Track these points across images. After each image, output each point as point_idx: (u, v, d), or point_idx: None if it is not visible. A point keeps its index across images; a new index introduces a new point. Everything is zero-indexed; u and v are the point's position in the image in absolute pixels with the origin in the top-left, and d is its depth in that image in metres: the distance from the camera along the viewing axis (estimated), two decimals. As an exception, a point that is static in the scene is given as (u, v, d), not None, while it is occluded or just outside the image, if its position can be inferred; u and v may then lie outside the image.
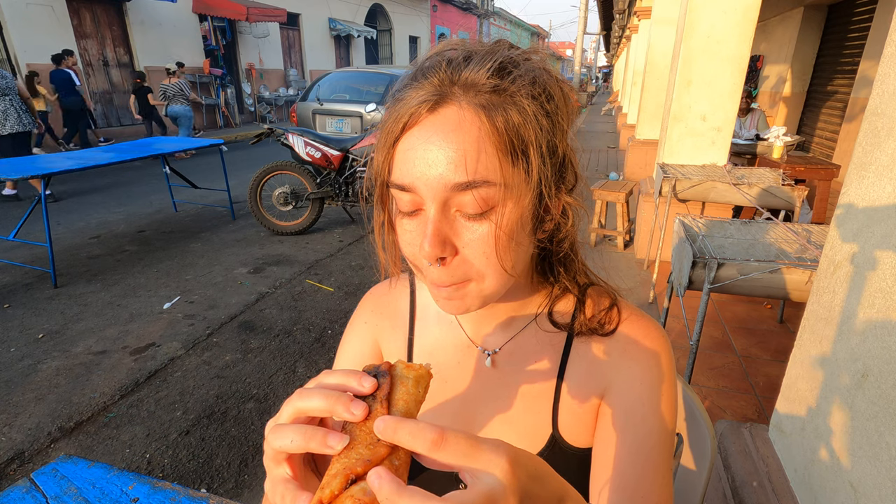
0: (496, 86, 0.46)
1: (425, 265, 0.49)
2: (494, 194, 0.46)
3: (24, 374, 2.35)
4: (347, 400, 0.32)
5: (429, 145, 0.45)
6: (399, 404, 0.33)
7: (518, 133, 0.46)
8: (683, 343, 2.51)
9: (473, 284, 0.50)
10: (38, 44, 8.42)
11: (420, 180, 0.46)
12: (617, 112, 14.76)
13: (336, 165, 4.32)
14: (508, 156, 0.46)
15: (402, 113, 0.47)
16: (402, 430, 0.30)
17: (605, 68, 44.53)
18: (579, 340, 0.60)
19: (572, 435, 0.59)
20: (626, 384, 0.57)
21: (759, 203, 2.78)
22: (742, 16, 3.03)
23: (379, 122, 0.52)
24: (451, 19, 26.30)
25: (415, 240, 0.49)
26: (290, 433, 0.32)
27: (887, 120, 1.03)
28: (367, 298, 0.73)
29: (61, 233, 4.39)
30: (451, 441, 0.29)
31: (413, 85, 0.48)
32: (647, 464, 0.53)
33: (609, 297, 0.62)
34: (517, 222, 0.48)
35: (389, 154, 0.49)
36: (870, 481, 0.96)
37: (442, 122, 0.45)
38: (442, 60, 0.48)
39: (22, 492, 0.70)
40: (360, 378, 0.34)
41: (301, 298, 3.23)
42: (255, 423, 2.08)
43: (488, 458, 0.30)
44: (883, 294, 0.98)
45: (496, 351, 0.62)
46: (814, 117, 7.09)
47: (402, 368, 0.35)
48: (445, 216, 0.47)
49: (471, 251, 0.48)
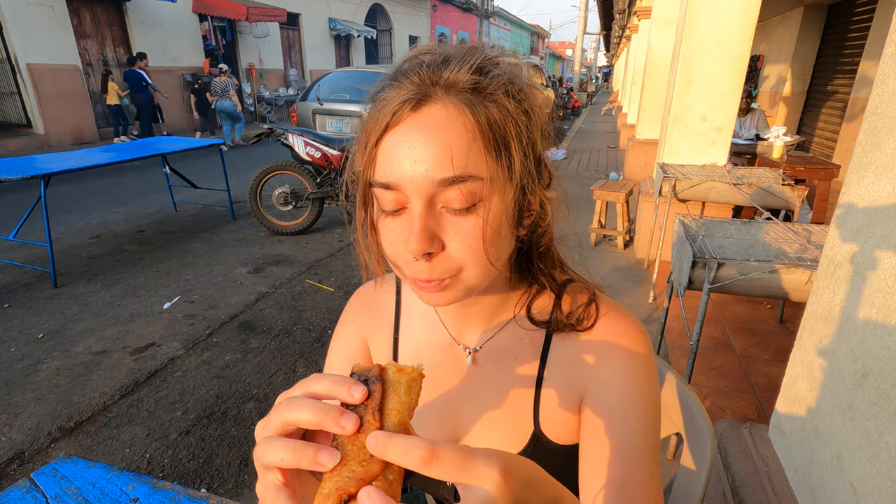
0: (476, 84, 0.47)
1: (410, 261, 0.49)
2: (480, 189, 0.47)
3: (24, 374, 2.35)
4: (337, 414, 0.31)
5: (414, 142, 0.46)
6: (392, 415, 0.32)
7: (500, 129, 0.47)
8: (683, 343, 2.51)
9: (455, 279, 0.50)
10: (38, 44, 8.43)
11: (405, 177, 0.46)
12: (617, 112, 14.76)
13: (336, 165, 4.32)
14: (492, 151, 0.47)
15: (385, 112, 0.47)
16: (392, 448, 0.29)
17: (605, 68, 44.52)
18: (558, 337, 0.60)
19: (554, 432, 0.59)
20: (608, 382, 0.57)
21: (759, 203, 2.78)
22: (742, 16, 3.03)
23: (358, 124, 0.52)
24: (451, 19, 26.29)
25: (398, 238, 0.49)
26: (279, 450, 0.31)
27: (887, 120, 1.03)
28: (355, 298, 0.74)
29: (61, 233, 4.39)
30: (443, 456, 0.29)
31: (393, 85, 0.49)
32: (633, 461, 0.53)
33: (588, 292, 0.62)
34: (502, 216, 0.49)
35: (372, 154, 0.49)
36: (870, 481, 0.96)
37: (426, 119, 0.46)
38: (421, 62, 0.49)
39: (22, 492, 0.70)
40: (350, 387, 0.32)
41: (301, 298, 3.23)
42: (255, 422, 2.07)
43: (480, 470, 0.29)
44: (883, 294, 0.98)
45: (477, 349, 0.63)
46: (814, 117, 7.09)
47: (394, 373, 0.33)
48: (431, 212, 0.47)
49: (456, 245, 0.48)
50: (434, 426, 0.64)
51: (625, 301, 3.15)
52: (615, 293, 3.26)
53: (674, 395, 0.81)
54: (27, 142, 8.33)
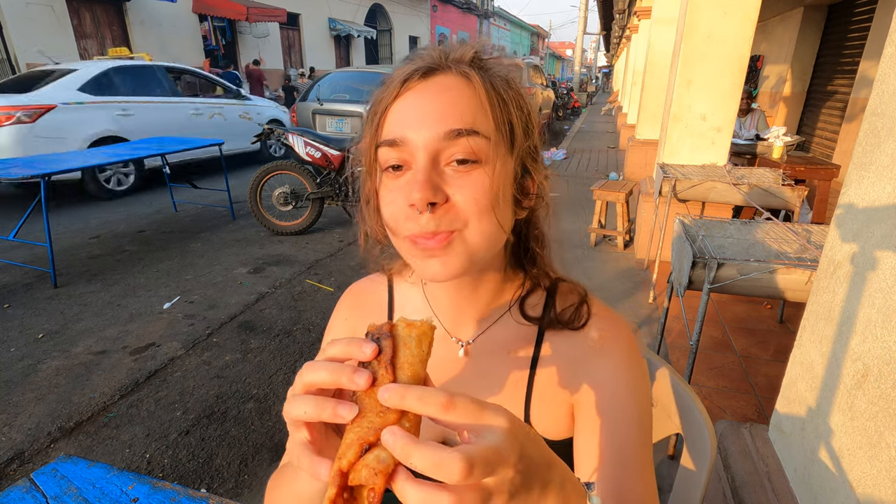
0: (482, 62, 0.52)
1: (412, 216, 0.49)
2: (486, 147, 0.49)
3: (24, 374, 2.35)
4: (350, 371, 0.33)
5: (422, 101, 0.48)
6: (405, 367, 0.34)
7: (503, 100, 0.51)
8: (683, 343, 2.51)
9: (459, 236, 0.50)
10: (38, 44, 8.43)
11: (411, 130, 0.48)
12: (617, 112, 14.76)
13: (336, 165, 4.32)
14: (495, 119, 0.50)
15: (395, 83, 0.50)
16: (409, 397, 0.31)
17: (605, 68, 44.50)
18: (550, 334, 0.61)
19: (544, 427, 0.60)
20: (599, 381, 0.58)
21: (759, 203, 2.78)
22: (742, 16, 3.03)
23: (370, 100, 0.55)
24: (451, 19, 26.30)
25: (398, 197, 0.50)
26: (303, 404, 0.34)
27: (887, 120, 1.03)
28: (346, 296, 0.75)
29: (61, 233, 4.39)
30: (460, 404, 0.31)
31: (405, 63, 0.52)
32: (626, 458, 0.54)
33: (578, 293, 0.63)
34: (504, 181, 0.51)
35: (381, 120, 0.51)
36: (870, 481, 0.96)
37: (434, 84, 0.49)
38: (432, 48, 0.53)
39: (22, 492, 0.70)
40: (361, 345, 0.35)
41: (301, 298, 3.23)
42: (255, 423, 2.08)
43: (491, 415, 0.32)
44: (883, 294, 0.98)
45: (470, 342, 0.63)
46: (814, 117, 7.09)
47: (404, 328, 0.35)
48: (436, 167, 0.48)
49: (462, 197, 0.48)
50: (424, 419, 0.64)
51: (625, 301, 3.15)
52: (615, 293, 3.26)
53: (674, 395, 0.81)
54: None
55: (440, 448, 0.28)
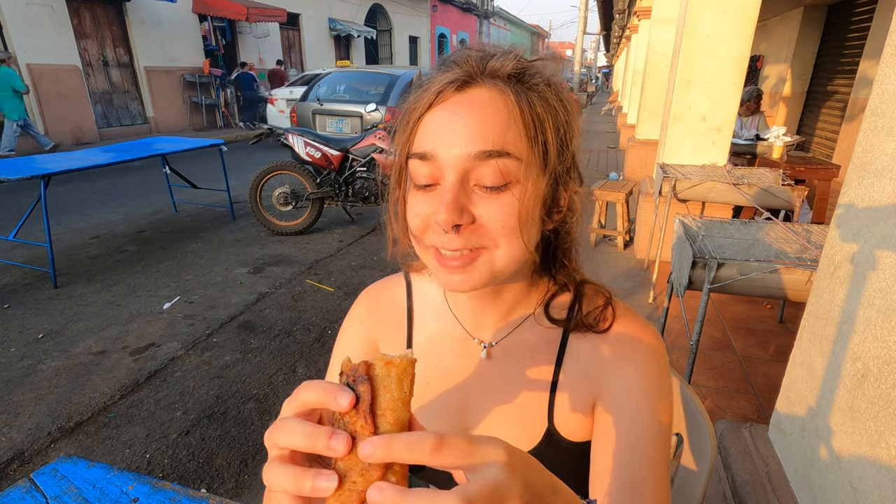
0: (521, 74, 0.50)
1: (437, 231, 0.49)
2: (516, 169, 0.48)
3: (24, 374, 2.35)
4: (326, 437, 0.31)
5: (455, 117, 0.47)
6: (386, 414, 0.31)
7: (539, 117, 0.49)
8: (683, 343, 2.51)
9: (485, 255, 0.50)
10: (38, 44, 8.43)
11: (442, 147, 0.47)
12: (617, 112, 14.76)
13: (336, 165, 4.32)
14: (529, 137, 0.48)
15: (430, 92, 0.49)
16: (396, 447, 0.29)
17: (605, 68, 44.50)
18: (575, 336, 0.61)
19: (567, 429, 0.60)
20: (622, 383, 0.57)
21: (759, 203, 2.78)
22: (742, 16, 3.03)
23: (402, 105, 0.54)
24: (451, 19, 26.29)
25: (425, 210, 0.50)
26: (280, 478, 0.31)
27: (887, 120, 1.03)
28: (363, 298, 0.74)
29: (61, 233, 4.39)
30: (450, 443, 0.29)
31: (441, 70, 0.51)
32: (643, 461, 0.54)
33: (604, 295, 0.63)
34: (534, 202, 0.50)
35: (413, 129, 0.50)
36: (870, 481, 0.96)
37: (469, 99, 0.48)
38: (469, 54, 0.51)
39: (22, 492, 0.70)
40: (337, 395, 0.31)
41: (301, 298, 3.23)
42: (255, 423, 2.08)
43: (487, 450, 0.30)
44: (883, 294, 0.98)
45: (493, 344, 0.63)
46: (814, 117, 7.09)
47: (382, 368, 0.32)
48: (464, 187, 0.48)
49: (489, 219, 0.48)
50: (446, 420, 0.64)
51: (625, 301, 3.15)
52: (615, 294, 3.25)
53: (674, 395, 0.81)
54: (27, 142, 8.32)
55: (435, 493, 0.27)
